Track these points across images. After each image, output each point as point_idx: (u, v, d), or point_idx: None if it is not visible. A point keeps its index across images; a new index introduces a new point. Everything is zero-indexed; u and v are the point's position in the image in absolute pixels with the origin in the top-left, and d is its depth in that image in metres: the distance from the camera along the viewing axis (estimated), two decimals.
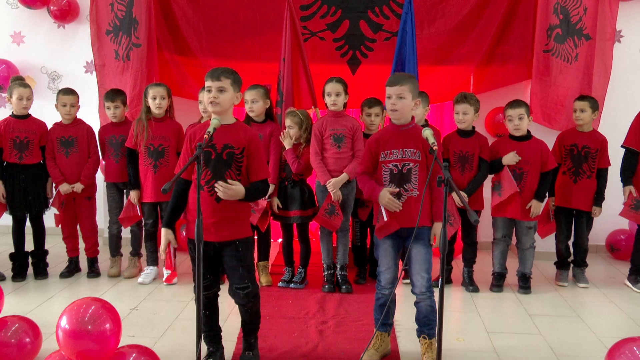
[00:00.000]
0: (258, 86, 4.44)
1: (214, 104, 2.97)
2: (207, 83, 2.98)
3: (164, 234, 3.08)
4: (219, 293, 3.21)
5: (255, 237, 4.36)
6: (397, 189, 3.15)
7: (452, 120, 4.63)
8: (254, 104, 4.44)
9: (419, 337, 3.29)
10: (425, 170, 3.16)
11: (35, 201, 4.63)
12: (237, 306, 3.26)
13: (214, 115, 3.03)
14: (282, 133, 4.45)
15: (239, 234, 3.05)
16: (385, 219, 3.16)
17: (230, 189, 2.88)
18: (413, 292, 3.22)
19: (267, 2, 5.26)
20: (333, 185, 4.29)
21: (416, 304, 3.25)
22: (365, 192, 3.27)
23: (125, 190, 4.76)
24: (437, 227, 3.17)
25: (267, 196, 4.25)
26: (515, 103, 4.46)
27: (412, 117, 3.22)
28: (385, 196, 3.14)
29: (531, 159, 4.40)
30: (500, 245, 4.57)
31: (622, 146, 4.63)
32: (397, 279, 3.23)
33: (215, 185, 2.88)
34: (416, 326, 3.29)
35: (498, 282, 4.58)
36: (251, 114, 4.45)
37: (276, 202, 4.46)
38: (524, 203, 4.41)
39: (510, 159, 4.37)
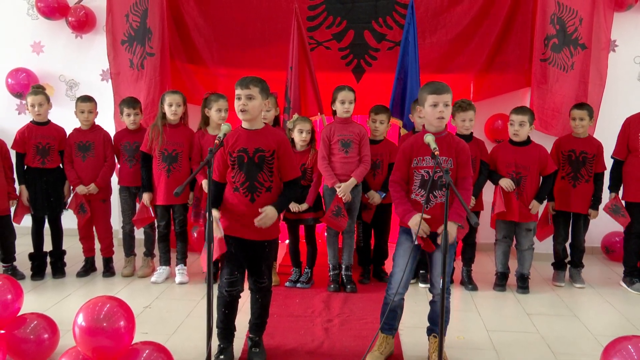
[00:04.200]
0: (270, 94, 4.42)
1: (244, 112, 3.00)
2: (237, 91, 3.00)
3: None
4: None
5: None
6: (429, 216, 3.03)
7: (451, 126, 4.61)
8: (267, 113, 4.44)
9: (429, 335, 3.27)
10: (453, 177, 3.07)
11: (56, 203, 4.66)
12: (245, 305, 3.29)
13: (243, 121, 3.08)
14: None
15: (269, 235, 3.12)
16: (415, 242, 3.07)
17: (264, 218, 2.97)
18: (431, 291, 3.20)
19: (275, 13, 5.27)
20: (343, 190, 4.28)
21: (432, 302, 3.22)
22: (399, 212, 3.14)
23: (138, 194, 4.76)
24: (452, 227, 3.00)
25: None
26: (520, 109, 4.45)
27: (446, 125, 3.15)
28: (417, 220, 3.01)
29: (529, 164, 4.39)
30: (502, 246, 4.56)
31: (611, 157, 4.66)
32: (408, 283, 3.18)
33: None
34: (421, 325, 3.28)
35: (501, 281, 4.57)
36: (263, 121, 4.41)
37: (295, 204, 4.41)
38: (522, 206, 4.39)
39: (505, 183, 4.36)
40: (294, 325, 3.73)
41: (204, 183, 4.45)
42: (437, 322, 3.16)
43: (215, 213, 4.21)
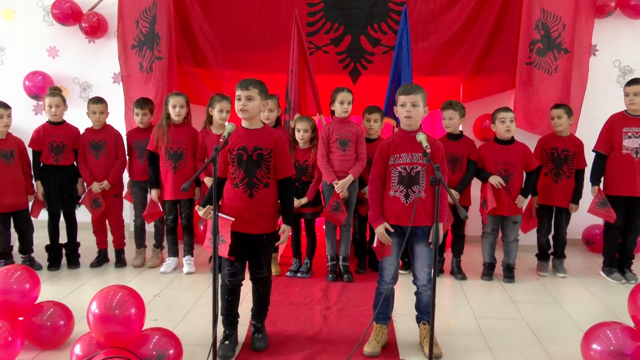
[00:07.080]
0: (273, 96, 4.42)
1: (244, 111, 3.00)
2: (237, 92, 3.00)
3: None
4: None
5: None
6: (392, 230, 3.09)
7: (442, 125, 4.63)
8: (271, 113, 4.43)
9: (418, 323, 3.27)
10: (431, 174, 3.10)
11: (70, 198, 4.66)
12: (249, 294, 3.31)
13: (243, 121, 3.08)
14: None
15: (267, 229, 3.11)
16: (375, 244, 3.16)
17: (285, 240, 3.11)
18: (415, 283, 3.19)
19: (276, 19, 5.27)
20: (341, 187, 4.29)
21: (417, 294, 3.23)
22: (370, 214, 3.16)
23: (148, 189, 4.76)
24: (441, 227, 3.04)
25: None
26: (507, 108, 4.46)
27: (421, 124, 3.17)
28: (380, 230, 3.09)
29: (516, 161, 4.39)
30: (489, 238, 4.56)
31: (592, 150, 4.64)
32: (397, 274, 3.20)
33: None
34: (412, 313, 3.28)
35: (488, 271, 4.57)
36: (266, 122, 4.39)
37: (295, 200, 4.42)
38: (510, 201, 4.40)
39: (495, 180, 4.36)
40: (295, 313, 3.74)
41: (206, 180, 4.46)
42: (424, 311, 3.21)
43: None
